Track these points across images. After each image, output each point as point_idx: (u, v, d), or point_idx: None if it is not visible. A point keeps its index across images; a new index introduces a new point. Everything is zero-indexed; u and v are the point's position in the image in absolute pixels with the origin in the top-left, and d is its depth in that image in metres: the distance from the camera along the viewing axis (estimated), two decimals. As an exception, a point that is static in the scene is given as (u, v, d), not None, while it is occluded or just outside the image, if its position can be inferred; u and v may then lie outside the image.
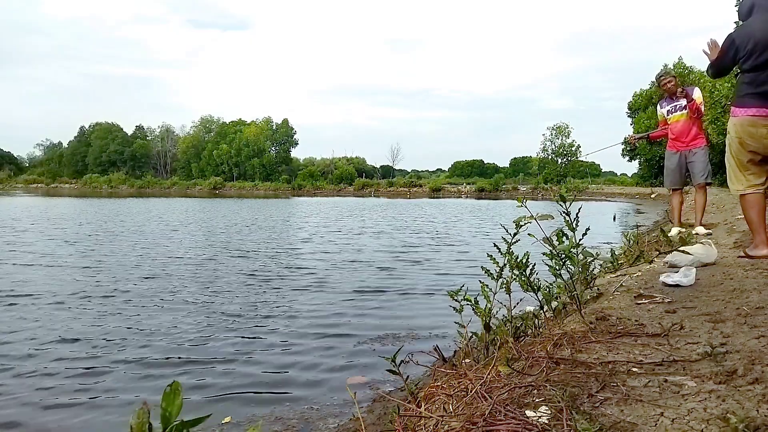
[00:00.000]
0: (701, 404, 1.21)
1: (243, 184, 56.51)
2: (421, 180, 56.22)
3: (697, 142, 5.67)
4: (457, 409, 1.42)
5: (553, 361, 1.61)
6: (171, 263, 6.93)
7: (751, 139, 3.24)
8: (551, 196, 28.46)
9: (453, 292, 2.19)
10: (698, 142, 5.67)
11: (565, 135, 57.19)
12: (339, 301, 4.77)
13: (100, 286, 5.39)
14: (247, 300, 4.82)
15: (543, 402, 1.30)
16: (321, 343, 3.57)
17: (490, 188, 46.44)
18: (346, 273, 6.26)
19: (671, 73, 5.85)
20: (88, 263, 6.81)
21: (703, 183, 5.66)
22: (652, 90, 39.55)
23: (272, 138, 66.29)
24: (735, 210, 7.70)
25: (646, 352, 1.63)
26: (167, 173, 70.15)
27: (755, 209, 3.27)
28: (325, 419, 2.40)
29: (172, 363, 3.17)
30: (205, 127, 71.45)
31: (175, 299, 4.82)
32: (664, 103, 5.95)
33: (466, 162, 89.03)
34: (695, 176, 5.68)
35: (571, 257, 2.06)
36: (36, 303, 4.58)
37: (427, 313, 4.36)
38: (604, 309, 2.32)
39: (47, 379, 2.91)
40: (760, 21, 3.16)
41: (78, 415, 2.48)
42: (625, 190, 39.83)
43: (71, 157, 72.48)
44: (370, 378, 2.90)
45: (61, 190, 48.76)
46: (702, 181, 5.65)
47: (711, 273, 2.93)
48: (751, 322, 1.84)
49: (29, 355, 3.27)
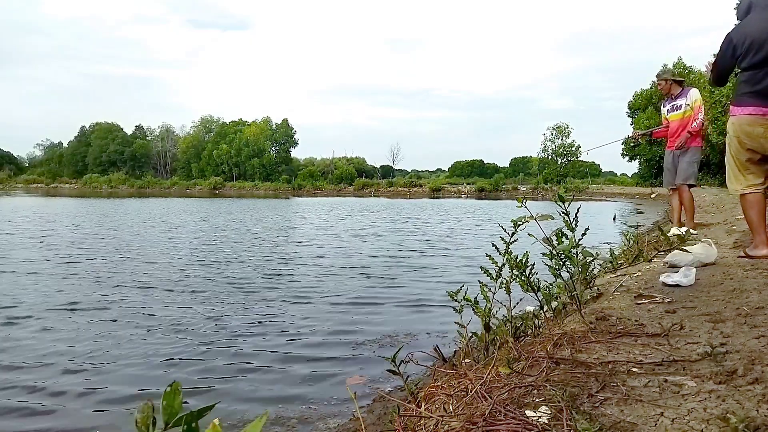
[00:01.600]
0: (701, 404, 1.21)
1: (243, 184, 56.50)
2: (421, 180, 56.22)
3: (686, 143, 5.60)
4: (457, 409, 1.42)
5: (553, 361, 1.61)
6: (169, 265, 6.93)
7: (748, 138, 3.24)
8: (551, 197, 28.43)
9: (452, 292, 2.19)
10: (687, 142, 5.59)
11: (565, 135, 57.21)
12: (338, 302, 4.77)
13: (85, 295, 5.39)
14: (246, 300, 4.82)
15: (543, 402, 1.30)
16: (321, 343, 3.57)
17: (490, 188, 46.44)
18: (345, 274, 6.26)
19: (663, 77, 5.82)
20: (71, 269, 6.81)
21: (680, 184, 5.61)
22: (652, 90, 39.61)
23: (272, 138, 66.27)
24: (735, 210, 7.70)
25: (646, 352, 1.63)
26: (167, 173, 70.13)
27: (755, 209, 3.27)
28: (325, 419, 2.40)
29: (171, 363, 3.17)
30: (205, 127, 71.45)
31: (175, 300, 4.82)
32: (666, 102, 5.96)
33: (466, 162, 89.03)
34: (677, 176, 5.65)
35: (571, 257, 2.06)
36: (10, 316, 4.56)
37: (427, 313, 4.37)
38: (604, 309, 2.32)
39: (46, 381, 2.91)
40: (757, 20, 3.16)
41: (78, 414, 2.49)
42: (625, 190, 39.85)
43: (71, 157, 72.47)
44: (370, 378, 2.90)
45: (61, 190, 48.75)
46: (680, 182, 5.60)
47: (711, 273, 2.93)
48: (751, 322, 1.84)
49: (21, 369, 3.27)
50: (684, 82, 5.94)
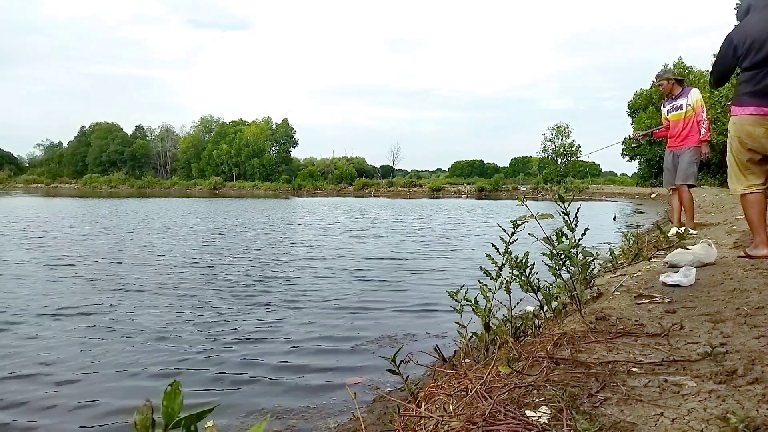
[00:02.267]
0: (701, 404, 1.21)
1: (243, 184, 56.49)
2: (421, 180, 56.18)
3: (686, 143, 5.61)
4: (457, 409, 1.42)
5: (553, 361, 1.60)
6: (168, 267, 6.93)
7: (749, 138, 3.24)
8: (551, 197, 28.42)
9: (452, 292, 2.19)
10: (686, 142, 5.60)
11: (565, 135, 57.21)
12: (338, 303, 4.77)
13: (83, 300, 5.38)
14: (245, 302, 4.82)
15: (543, 402, 1.30)
16: (320, 343, 3.57)
17: (490, 188, 46.42)
18: (345, 275, 6.26)
19: (665, 76, 5.82)
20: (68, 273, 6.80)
21: (680, 184, 5.61)
22: (652, 90, 39.58)
23: (272, 138, 66.26)
24: (735, 210, 7.70)
25: (646, 352, 1.63)
26: (167, 173, 70.12)
27: (755, 209, 3.27)
28: (325, 419, 2.40)
29: (170, 364, 3.17)
30: (205, 127, 71.44)
31: (174, 301, 4.82)
32: (666, 102, 5.95)
33: (466, 162, 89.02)
34: (676, 177, 5.66)
35: (571, 257, 2.06)
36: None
37: (427, 313, 4.36)
38: (604, 309, 2.32)
39: (45, 383, 2.91)
40: (757, 20, 3.17)
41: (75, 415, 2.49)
42: (625, 190, 39.82)
43: (71, 157, 72.46)
44: (370, 378, 2.90)
45: (61, 190, 48.70)
46: (679, 182, 5.60)
47: (711, 273, 2.93)
48: (751, 322, 1.84)
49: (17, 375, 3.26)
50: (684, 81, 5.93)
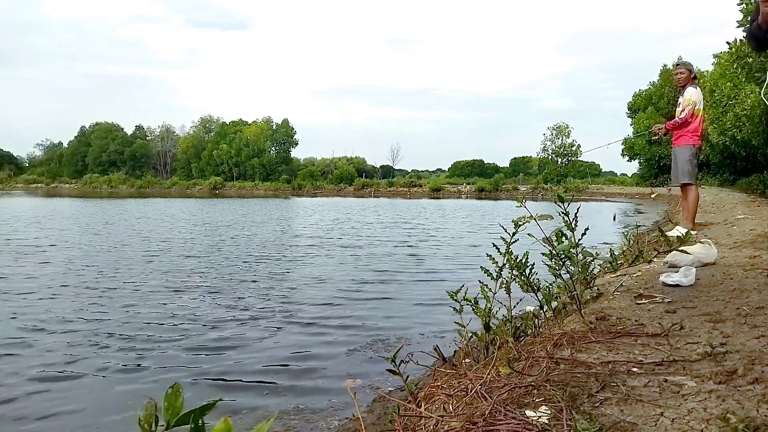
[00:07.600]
0: (701, 404, 1.21)
1: (243, 184, 56.50)
2: (421, 180, 56.21)
3: (678, 141, 5.52)
4: (457, 409, 1.42)
5: (553, 361, 1.60)
6: (167, 267, 6.93)
7: None
8: (551, 197, 28.44)
9: (452, 292, 2.18)
10: (679, 140, 5.51)
11: (565, 135, 57.11)
12: (338, 303, 4.77)
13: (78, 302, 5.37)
14: (245, 302, 4.82)
15: (543, 402, 1.30)
16: (321, 343, 3.58)
17: (490, 188, 46.43)
18: (345, 275, 6.26)
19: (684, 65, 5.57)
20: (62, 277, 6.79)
21: (678, 184, 5.58)
22: (652, 90, 39.58)
23: (272, 138, 66.26)
24: (735, 210, 7.70)
25: (646, 352, 1.63)
26: (167, 173, 70.12)
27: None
28: (325, 419, 2.40)
29: (170, 364, 3.17)
30: (205, 127, 71.42)
31: (173, 302, 4.82)
32: (679, 97, 5.79)
33: (466, 162, 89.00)
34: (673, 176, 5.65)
35: (571, 257, 2.06)
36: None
37: (427, 313, 4.37)
38: (604, 309, 2.32)
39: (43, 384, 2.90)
40: None
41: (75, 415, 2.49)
42: (625, 190, 39.83)
43: (71, 157, 72.46)
44: (370, 378, 2.90)
45: (61, 190, 48.71)
46: (676, 182, 5.58)
47: (711, 273, 2.93)
48: (751, 322, 1.84)
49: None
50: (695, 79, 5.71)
